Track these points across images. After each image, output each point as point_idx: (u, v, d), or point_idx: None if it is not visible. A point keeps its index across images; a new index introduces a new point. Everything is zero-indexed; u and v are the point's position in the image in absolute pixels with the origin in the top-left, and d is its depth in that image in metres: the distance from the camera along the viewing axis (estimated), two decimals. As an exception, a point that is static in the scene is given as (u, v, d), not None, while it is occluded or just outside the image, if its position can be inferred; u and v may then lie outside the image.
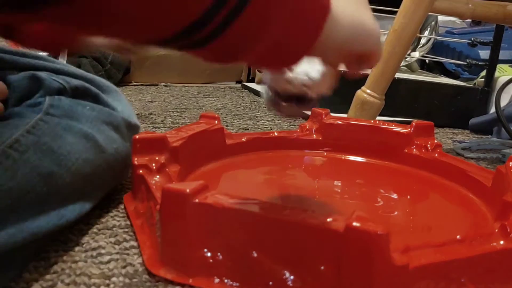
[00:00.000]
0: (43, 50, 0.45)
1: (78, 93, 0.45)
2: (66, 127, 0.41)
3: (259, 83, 1.33)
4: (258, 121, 0.92)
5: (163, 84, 1.31)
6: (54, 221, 0.37)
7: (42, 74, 0.44)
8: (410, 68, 1.20)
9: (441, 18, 1.31)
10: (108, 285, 0.35)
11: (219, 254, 0.35)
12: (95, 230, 0.43)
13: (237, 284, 0.34)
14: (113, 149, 0.45)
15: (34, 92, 0.44)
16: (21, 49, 0.47)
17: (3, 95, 0.43)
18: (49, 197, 0.36)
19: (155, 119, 0.90)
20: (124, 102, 0.51)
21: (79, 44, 0.32)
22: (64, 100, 0.43)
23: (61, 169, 0.38)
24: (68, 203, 0.39)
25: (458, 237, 0.35)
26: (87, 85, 0.46)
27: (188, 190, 0.34)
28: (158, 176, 0.45)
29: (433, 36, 1.20)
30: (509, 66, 1.09)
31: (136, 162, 0.46)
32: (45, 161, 0.37)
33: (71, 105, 0.43)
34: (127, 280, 0.36)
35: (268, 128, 0.87)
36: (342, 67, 0.34)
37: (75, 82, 0.45)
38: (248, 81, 1.36)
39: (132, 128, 0.50)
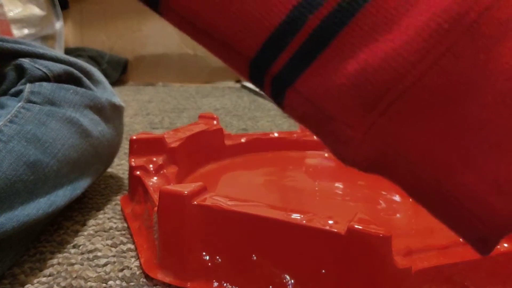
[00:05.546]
0: None
1: (61, 80, 0.45)
2: (49, 113, 0.40)
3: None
4: (257, 122, 0.92)
5: (161, 84, 1.30)
6: (44, 209, 0.36)
7: (26, 63, 0.44)
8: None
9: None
10: (104, 288, 0.34)
11: (218, 257, 0.34)
12: (91, 232, 0.43)
13: None
14: (98, 132, 0.45)
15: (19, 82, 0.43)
16: (1, 35, 0.46)
17: None
18: (37, 185, 0.36)
19: (152, 120, 0.89)
20: (106, 84, 0.50)
21: None
22: (46, 86, 0.42)
23: (47, 156, 0.37)
24: (57, 189, 0.38)
25: (461, 240, 0.34)
26: (70, 69, 0.45)
27: (186, 192, 0.34)
28: (155, 178, 0.44)
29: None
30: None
31: (133, 163, 0.45)
32: (30, 149, 0.36)
33: (53, 90, 0.42)
34: (124, 284, 0.35)
35: (268, 129, 0.87)
36: None
37: (58, 68, 0.44)
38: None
39: (116, 109, 0.49)
